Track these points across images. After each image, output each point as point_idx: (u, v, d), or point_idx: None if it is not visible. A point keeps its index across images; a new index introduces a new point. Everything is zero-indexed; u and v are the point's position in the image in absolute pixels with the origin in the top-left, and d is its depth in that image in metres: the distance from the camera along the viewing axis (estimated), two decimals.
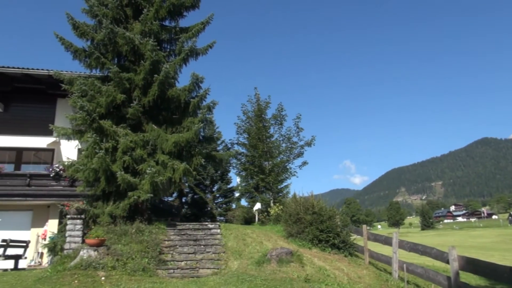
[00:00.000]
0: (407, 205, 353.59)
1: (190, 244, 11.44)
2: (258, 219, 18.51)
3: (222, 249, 11.29)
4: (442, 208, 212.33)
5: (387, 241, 10.86)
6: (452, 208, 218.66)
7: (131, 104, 12.80)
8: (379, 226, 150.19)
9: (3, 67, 16.21)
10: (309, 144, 20.53)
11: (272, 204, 19.14)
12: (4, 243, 12.22)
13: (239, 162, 22.02)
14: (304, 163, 20.71)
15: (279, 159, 20.56)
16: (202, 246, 11.39)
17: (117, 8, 13.86)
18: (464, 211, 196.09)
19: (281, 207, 16.63)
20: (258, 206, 18.53)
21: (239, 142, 21.89)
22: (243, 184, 22.31)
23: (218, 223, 14.24)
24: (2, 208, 16.40)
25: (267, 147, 20.46)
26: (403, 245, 10.06)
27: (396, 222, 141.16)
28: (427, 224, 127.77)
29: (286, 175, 20.71)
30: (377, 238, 11.69)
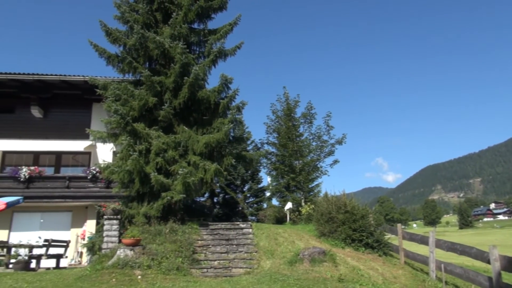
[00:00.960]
0: (444, 203, 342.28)
1: (222, 244, 11.56)
2: (290, 218, 18.46)
3: (254, 248, 11.33)
4: (481, 206, 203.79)
5: (423, 240, 10.55)
6: (492, 205, 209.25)
7: (163, 107, 13.08)
8: (414, 225, 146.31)
9: (43, 74, 16.96)
10: (339, 142, 20.28)
11: (303, 203, 19.03)
12: (47, 243, 12.77)
13: (269, 162, 22.03)
14: (335, 161, 20.48)
15: (309, 158, 20.42)
16: (234, 246, 11.48)
17: (147, 13, 14.20)
18: (505, 209, 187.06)
19: (313, 206, 16.50)
20: (289, 205, 18.48)
21: (269, 142, 21.92)
22: (274, 183, 22.30)
23: (250, 222, 14.31)
24: (44, 209, 17.17)
25: (297, 146, 20.37)
26: (440, 244, 9.74)
27: (432, 220, 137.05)
28: (465, 223, 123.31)
29: (317, 174, 20.54)
30: (412, 237, 11.39)
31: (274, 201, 24.67)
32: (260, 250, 11.24)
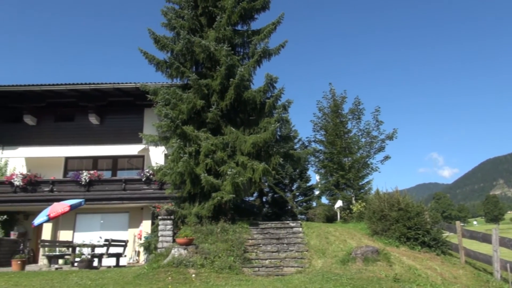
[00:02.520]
0: (507, 199, 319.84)
1: (273, 243, 11.60)
2: (340, 217, 18.13)
3: (305, 247, 11.26)
4: None
5: (485, 238, 9.93)
6: None
7: (210, 109, 13.35)
8: (474, 222, 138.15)
9: (98, 83, 17.97)
10: (390, 137, 19.60)
11: (354, 201, 18.63)
12: (107, 243, 13.49)
13: (317, 160, 21.77)
14: (386, 157, 19.82)
15: (358, 155, 19.93)
16: (285, 245, 11.47)
17: (193, 18, 14.56)
18: None
19: (364, 204, 16.11)
20: (339, 203, 18.16)
21: (316, 140, 21.65)
22: (323, 181, 22.01)
23: (300, 221, 14.22)
24: (103, 211, 18.16)
25: (345, 143, 19.96)
26: (505, 242, 9.12)
27: (494, 217, 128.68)
28: None
29: (367, 171, 19.98)
30: (473, 235, 10.75)
31: (324, 200, 24.35)
32: (311, 249, 11.14)
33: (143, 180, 17.23)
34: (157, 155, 18.35)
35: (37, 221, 13.40)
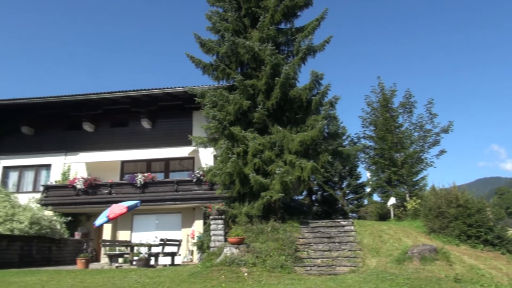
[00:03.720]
0: None
1: (324, 242, 11.45)
2: (394, 214, 17.52)
3: (357, 246, 11.00)
4: None
5: None
6: None
7: (256, 109, 13.42)
8: None
9: (149, 89, 18.72)
10: (445, 130, 18.63)
11: (408, 198, 17.92)
12: (162, 242, 14.00)
13: (367, 156, 21.19)
14: (442, 151, 18.85)
15: (411, 150, 19.14)
16: (336, 244, 11.28)
17: (236, 20, 14.72)
18: None
19: (419, 201, 15.44)
20: (392, 201, 17.55)
21: (366, 136, 21.07)
22: (374, 178, 21.39)
23: (351, 219, 13.92)
24: (158, 211, 18.87)
25: (396, 138, 19.26)
26: None
27: None
28: None
29: (422, 166, 19.14)
30: None
31: (375, 197, 23.71)
32: (364, 248, 10.86)
33: (194, 181, 17.69)
34: (207, 156, 18.76)
35: (98, 222, 14.19)
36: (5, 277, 9.50)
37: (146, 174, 18.29)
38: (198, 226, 17.53)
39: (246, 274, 8.57)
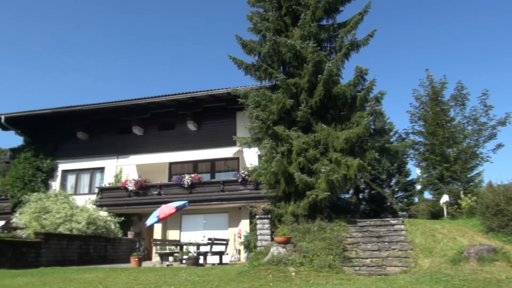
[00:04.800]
0: None
1: (373, 241, 11.15)
2: (447, 212, 16.72)
3: (408, 246, 10.61)
4: None
5: None
6: None
7: (300, 107, 13.34)
8: None
9: (194, 92, 19.17)
10: (503, 123, 17.50)
11: (462, 196, 17.04)
12: (210, 241, 14.28)
13: (417, 152, 20.39)
14: (499, 145, 17.73)
15: (465, 144, 18.18)
16: (386, 243, 10.95)
17: (277, 19, 14.71)
18: None
19: (474, 198, 14.63)
20: (445, 198, 16.76)
21: (415, 131, 20.27)
22: (425, 175, 20.55)
23: (401, 218, 13.45)
24: (205, 211, 19.28)
25: (448, 132, 18.36)
26: None
27: None
28: None
29: (477, 162, 18.13)
30: None
31: (427, 195, 22.79)
32: (416, 248, 10.45)
33: (239, 181, 17.89)
34: (251, 156, 18.91)
35: (149, 222, 14.73)
36: (66, 274, 10.12)
37: (193, 175, 18.74)
38: (244, 225, 17.70)
39: (293, 273, 8.53)
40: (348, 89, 13.23)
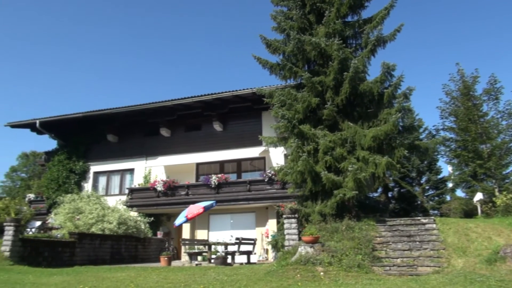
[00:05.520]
0: None
1: (403, 241, 10.91)
2: (481, 211, 16.16)
3: (440, 245, 10.32)
4: None
5: None
6: None
7: (325, 106, 13.21)
8: None
9: (219, 93, 19.33)
10: None
11: (497, 193, 16.43)
12: (238, 241, 14.36)
13: (448, 149, 19.85)
14: None
15: (499, 140, 17.53)
16: (417, 243, 10.69)
17: (301, 18, 14.63)
18: None
19: (510, 195, 14.08)
20: (479, 196, 16.19)
21: (446, 127, 19.75)
22: (457, 172, 19.97)
23: (432, 217, 13.09)
24: (232, 211, 19.41)
25: (481, 128, 17.76)
26: None
27: None
28: None
29: None
30: None
31: (459, 193, 22.09)
32: (448, 247, 10.15)
33: (265, 180, 17.90)
34: (277, 156, 18.88)
35: (177, 221, 14.96)
36: (99, 273, 10.42)
37: (219, 175, 18.90)
38: (271, 225, 17.70)
39: (322, 273, 8.46)
40: (375, 86, 13.00)
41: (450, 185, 22.99)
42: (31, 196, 24.36)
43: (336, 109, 13.29)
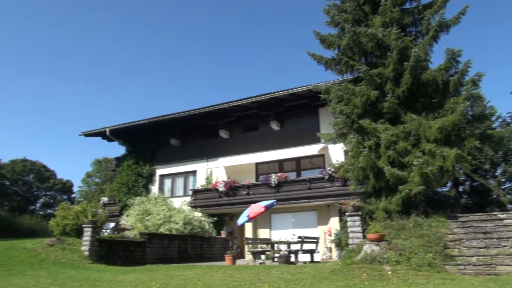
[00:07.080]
0: None
1: (478, 238, 10.17)
2: None
3: None
4: None
5: None
6: None
7: (385, 98, 12.71)
8: None
9: (274, 92, 19.40)
10: None
11: None
12: (300, 240, 14.29)
13: None
14: None
15: None
16: (494, 240, 9.91)
17: (355, 9, 14.20)
18: None
19: None
20: None
21: None
22: None
23: (511, 212, 12.06)
24: (293, 210, 19.36)
25: None
26: None
27: None
28: None
29: None
30: None
31: None
32: None
33: (326, 178, 17.64)
34: (337, 152, 18.52)
35: (240, 221, 15.23)
36: (168, 271, 10.91)
37: (279, 174, 18.95)
38: (334, 223, 17.41)
39: (389, 272, 8.15)
40: (439, 74, 12.25)
41: None
42: (105, 199, 26.21)
43: (397, 101, 12.73)
